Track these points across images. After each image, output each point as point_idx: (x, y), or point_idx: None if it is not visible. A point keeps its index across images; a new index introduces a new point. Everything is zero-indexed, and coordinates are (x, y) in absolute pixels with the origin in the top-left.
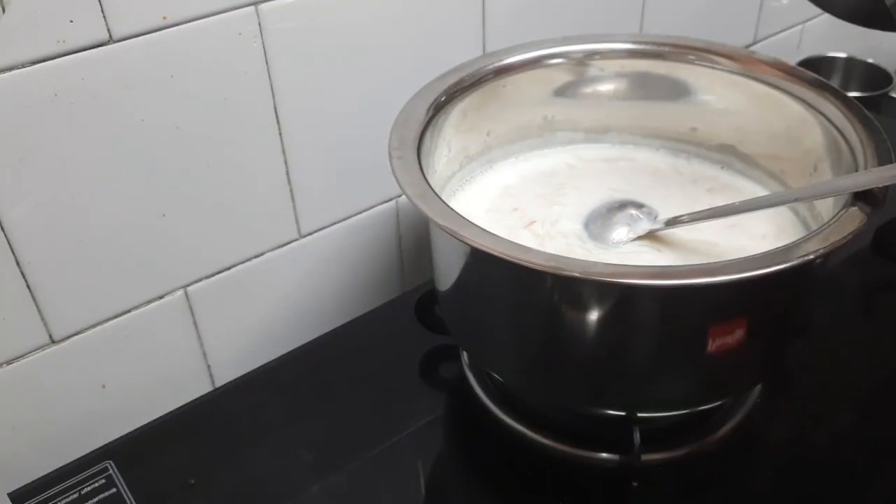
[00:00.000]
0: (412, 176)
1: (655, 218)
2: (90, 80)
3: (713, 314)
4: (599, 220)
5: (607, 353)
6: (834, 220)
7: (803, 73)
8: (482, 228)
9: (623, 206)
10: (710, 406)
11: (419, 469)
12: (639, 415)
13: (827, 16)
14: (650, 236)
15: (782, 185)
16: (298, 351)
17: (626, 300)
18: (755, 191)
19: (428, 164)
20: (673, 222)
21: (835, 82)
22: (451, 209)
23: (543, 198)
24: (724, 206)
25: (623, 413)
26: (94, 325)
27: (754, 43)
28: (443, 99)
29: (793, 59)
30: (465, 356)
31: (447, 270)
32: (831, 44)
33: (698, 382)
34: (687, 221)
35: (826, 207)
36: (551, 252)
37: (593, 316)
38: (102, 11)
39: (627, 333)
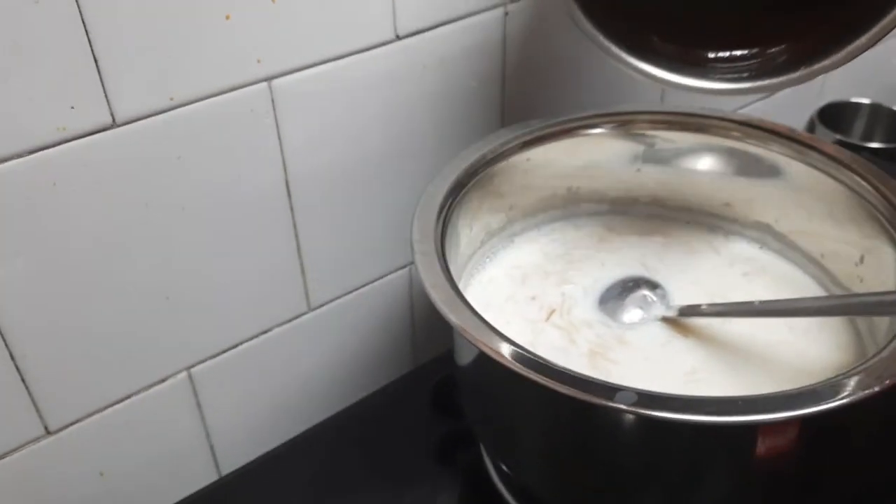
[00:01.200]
0: (437, 278)
1: (669, 303)
2: (92, 165)
3: (759, 442)
4: (612, 302)
5: (643, 477)
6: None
7: (851, 157)
8: (516, 345)
9: (637, 285)
10: None
11: None
12: None
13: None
14: (676, 322)
15: (822, 272)
16: (307, 434)
17: (671, 429)
18: (794, 276)
19: (450, 247)
20: (689, 312)
21: (858, 130)
22: (481, 319)
23: (553, 276)
24: (746, 304)
25: None
26: (91, 414)
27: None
28: (464, 178)
29: (814, 105)
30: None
31: (470, 373)
32: (855, 89)
33: None
34: (705, 313)
35: None
36: (586, 344)
37: (632, 440)
38: (106, 95)
39: (667, 458)
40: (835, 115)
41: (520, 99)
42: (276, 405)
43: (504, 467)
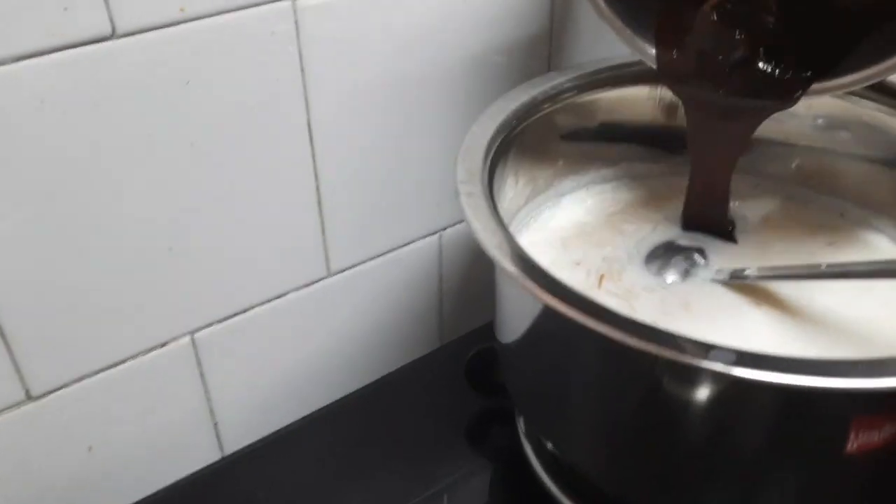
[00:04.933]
0: (486, 221)
1: (714, 267)
2: (86, 83)
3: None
4: (657, 262)
5: (716, 454)
6: None
7: None
8: (584, 296)
9: (681, 248)
10: None
11: None
12: None
13: None
14: (748, 289)
15: None
16: (322, 412)
17: (754, 394)
18: (883, 246)
19: (498, 197)
20: (739, 275)
21: None
22: (542, 268)
23: (596, 238)
24: (802, 266)
25: None
26: (80, 378)
27: None
28: (513, 121)
29: None
30: (521, 423)
31: (519, 333)
32: None
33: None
34: (756, 277)
35: None
36: (647, 312)
37: (707, 407)
38: None
39: (745, 431)
40: None
41: (569, 46)
42: (288, 378)
43: (550, 445)
